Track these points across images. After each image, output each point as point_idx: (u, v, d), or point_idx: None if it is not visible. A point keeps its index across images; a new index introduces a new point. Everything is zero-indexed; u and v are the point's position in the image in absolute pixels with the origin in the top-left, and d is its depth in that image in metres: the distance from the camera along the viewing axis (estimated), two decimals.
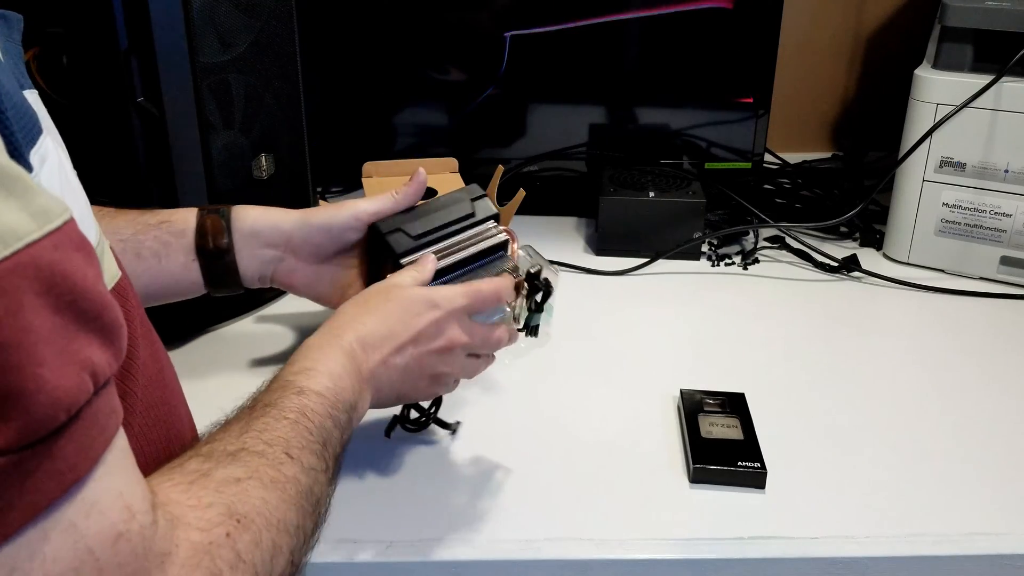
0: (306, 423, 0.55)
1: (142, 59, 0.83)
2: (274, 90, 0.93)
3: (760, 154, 1.25)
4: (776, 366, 0.90)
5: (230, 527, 0.45)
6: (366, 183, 1.05)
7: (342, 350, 0.63)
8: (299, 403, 0.57)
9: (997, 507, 0.71)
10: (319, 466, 0.54)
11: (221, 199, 0.91)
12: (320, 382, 0.59)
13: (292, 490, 0.50)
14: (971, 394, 0.86)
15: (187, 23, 0.84)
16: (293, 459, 0.52)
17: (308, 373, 0.60)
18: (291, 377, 0.59)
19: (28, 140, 0.41)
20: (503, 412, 0.82)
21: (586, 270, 1.10)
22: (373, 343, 0.65)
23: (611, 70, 1.22)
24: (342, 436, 0.59)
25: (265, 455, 0.51)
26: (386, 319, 0.66)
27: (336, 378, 0.61)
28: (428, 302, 0.68)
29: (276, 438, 0.53)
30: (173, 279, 0.76)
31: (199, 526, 0.43)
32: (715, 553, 0.67)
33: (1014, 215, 1.03)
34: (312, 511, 0.52)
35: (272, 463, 0.51)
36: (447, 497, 0.71)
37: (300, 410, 0.56)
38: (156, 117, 0.85)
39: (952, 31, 1.03)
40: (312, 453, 0.54)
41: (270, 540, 0.47)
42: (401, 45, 1.19)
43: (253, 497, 0.47)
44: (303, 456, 0.53)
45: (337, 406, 0.59)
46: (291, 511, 0.49)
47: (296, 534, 0.50)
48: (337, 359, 0.62)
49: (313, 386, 0.59)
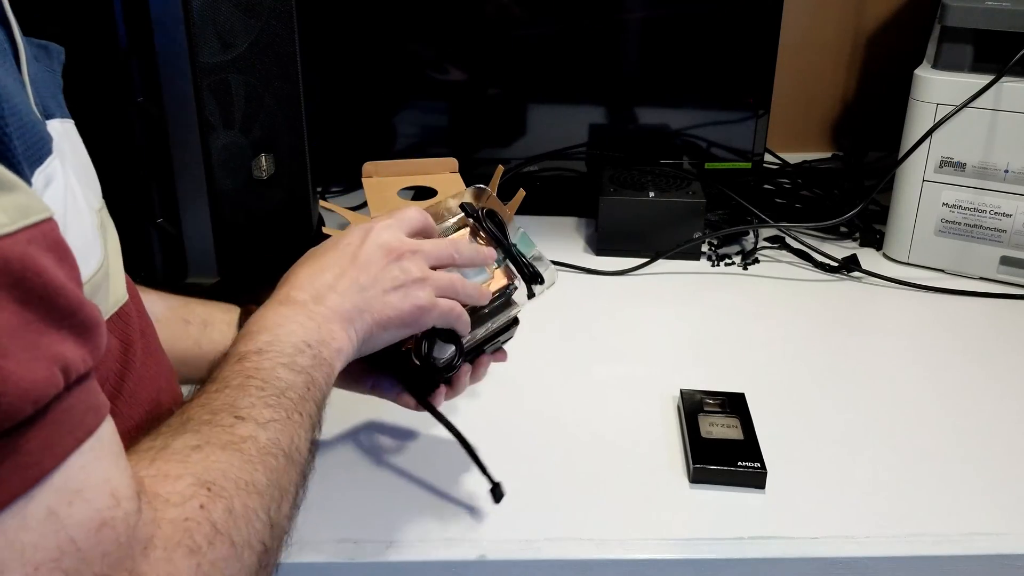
0: (253, 383, 0.54)
1: (142, 59, 0.83)
2: (274, 90, 0.93)
3: (760, 154, 1.25)
4: (776, 366, 0.90)
5: (203, 498, 0.44)
6: (366, 183, 1.05)
7: (276, 302, 0.61)
8: (240, 368, 0.55)
9: (997, 507, 0.71)
10: (278, 416, 0.52)
11: (221, 199, 0.91)
12: (258, 340, 0.57)
13: (251, 448, 0.49)
14: (971, 394, 0.86)
15: (187, 23, 0.84)
16: (244, 419, 0.50)
17: (244, 339, 0.58)
18: (230, 349, 0.58)
19: (32, 157, 0.41)
20: (503, 412, 0.82)
21: (586, 270, 1.10)
22: (308, 283, 0.63)
23: (611, 70, 1.22)
24: (312, 378, 0.57)
25: (213, 422, 0.49)
26: (315, 261, 0.64)
27: (274, 328, 0.58)
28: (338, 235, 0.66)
29: (220, 405, 0.51)
30: (214, 347, 0.74)
31: (173, 500, 0.43)
32: (715, 553, 0.67)
33: (1014, 215, 1.03)
34: (285, 463, 0.51)
35: (222, 427, 0.49)
36: (447, 497, 0.71)
37: (243, 374, 0.54)
38: (156, 117, 0.85)
39: (952, 31, 1.03)
40: (266, 406, 0.52)
41: (241, 505, 0.45)
42: (401, 45, 1.19)
43: (216, 462, 0.46)
44: (254, 412, 0.51)
45: (286, 352, 0.57)
46: (256, 471, 0.48)
47: (268, 492, 0.48)
48: (271, 312, 0.60)
49: (251, 347, 0.57)
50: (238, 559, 0.44)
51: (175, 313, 0.75)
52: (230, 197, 0.92)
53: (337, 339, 0.61)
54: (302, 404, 0.55)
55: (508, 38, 1.20)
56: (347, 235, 0.65)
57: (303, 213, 1.02)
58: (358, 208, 1.22)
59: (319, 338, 0.59)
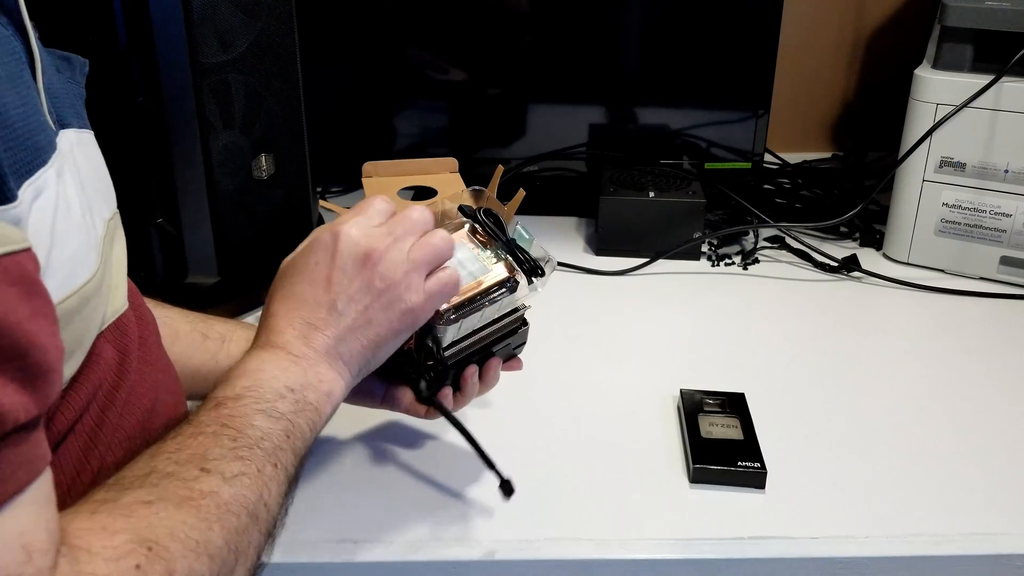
0: (227, 432, 0.52)
1: (142, 59, 0.83)
2: (274, 90, 0.93)
3: (760, 154, 1.25)
4: (776, 366, 0.90)
5: (140, 558, 0.42)
6: (366, 183, 1.05)
7: (257, 347, 0.59)
8: (216, 414, 0.53)
9: (997, 507, 0.71)
10: (248, 469, 0.50)
11: (221, 199, 0.91)
12: (236, 385, 0.56)
13: (211, 506, 0.47)
14: (971, 394, 0.86)
15: (187, 23, 0.84)
16: (209, 472, 0.48)
17: (224, 384, 0.56)
18: (210, 394, 0.56)
19: (21, 169, 0.41)
20: (503, 412, 0.82)
21: (586, 270, 1.10)
22: (287, 324, 0.59)
23: (611, 70, 1.22)
24: (293, 424, 0.55)
25: (175, 475, 0.48)
26: (289, 290, 0.61)
27: (254, 373, 0.57)
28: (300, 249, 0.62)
29: (190, 456, 0.49)
30: (231, 361, 0.71)
31: (105, 556, 0.41)
32: (715, 553, 0.67)
33: (1014, 215, 1.03)
34: (248, 522, 0.49)
35: (183, 481, 0.47)
36: (447, 497, 0.71)
37: (218, 421, 0.52)
38: (156, 117, 0.85)
39: (952, 31, 1.03)
40: (236, 459, 0.50)
41: (186, 568, 0.43)
42: (401, 45, 1.18)
43: (166, 520, 0.44)
44: (222, 466, 0.49)
45: (265, 398, 0.55)
46: (212, 530, 0.46)
47: (220, 555, 0.46)
48: (251, 357, 0.58)
49: (228, 392, 0.55)
50: None
51: (194, 327, 0.74)
52: (230, 197, 0.93)
53: (325, 381, 0.58)
54: (277, 454, 0.53)
55: (508, 38, 1.20)
56: (314, 249, 0.61)
57: (303, 213, 1.02)
58: None
59: (304, 382, 0.57)
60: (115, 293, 0.51)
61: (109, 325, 0.51)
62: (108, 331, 0.50)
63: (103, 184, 0.54)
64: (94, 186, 0.51)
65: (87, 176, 0.50)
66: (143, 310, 0.58)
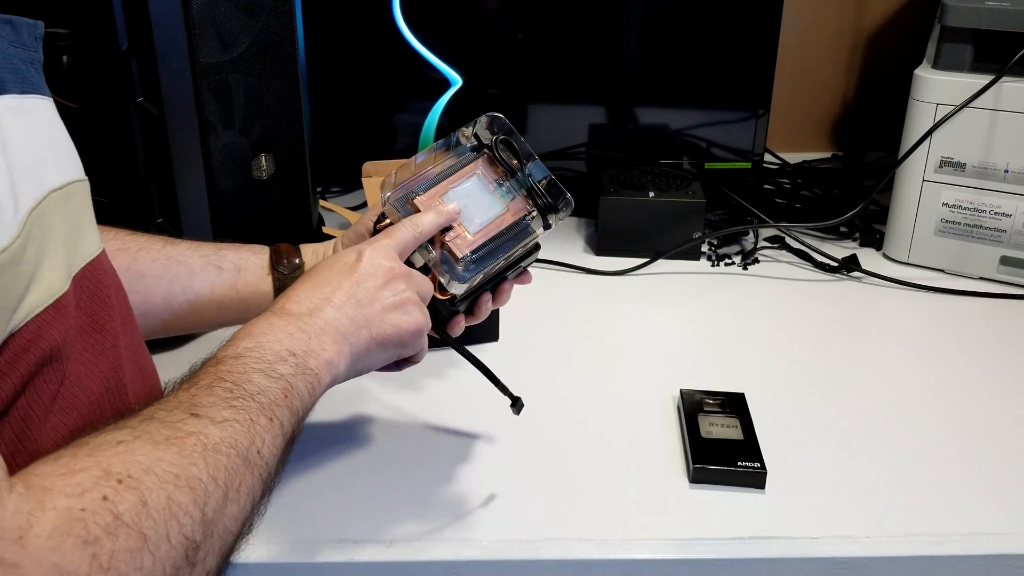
0: (222, 384, 0.53)
1: (142, 59, 0.83)
2: (274, 90, 0.93)
3: (760, 154, 1.25)
4: (776, 366, 0.90)
5: (107, 489, 0.42)
6: (366, 183, 1.05)
7: (269, 313, 0.61)
8: (214, 370, 0.54)
9: (997, 507, 0.71)
10: (238, 417, 0.51)
11: (221, 199, 0.91)
12: (239, 345, 0.57)
13: (194, 444, 0.47)
14: (971, 394, 0.86)
15: (187, 23, 0.84)
16: (198, 417, 0.49)
17: (228, 344, 0.58)
18: (214, 354, 0.57)
19: None
20: (503, 412, 0.82)
21: (586, 270, 1.10)
22: (305, 296, 0.62)
23: (611, 70, 1.22)
24: (291, 386, 0.56)
25: (158, 418, 0.48)
26: (314, 275, 0.64)
27: (258, 335, 0.58)
28: (350, 251, 0.66)
29: (179, 403, 0.50)
30: (248, 290, 0.76)
31: (67, 492, 0.41)
32: (715, 553, 0.66)
33: (1014, 215, 1.03)
34: (239, 463, 0.49)
35: (167, 423, 0.48)
36: (447, 497, 0.71)
37: (215, 375, 0.53)
38: (156, 117, 0.85)
39: (952, 31, 1.03)
40: (228, 407, 0.51)
41: (164, 497, 0.43)
42: (401, 45, 1.18)
43: (140, 456, 0.44)
44: (212, 411, 0.50)
45: (265, 359, 0.56)
46: (195, 465, 0.46)
47: (204, 488, 0.46)
48: (261, 321, 0.60)
49: (230, 352, 0.56)
50: (151, 552, 0.42)
51: (208, 261, 0.76)
52: (230, 197, 0.93)
53: (328, 351, 0.60)
54: (273, 409, 0.53)
55: (508, 38, 1.20)
56: (344, 253, 0.65)
57: (303, 213, 1.02)
58: (358, 208, 1.22)
59: (306, 348, 0.58)
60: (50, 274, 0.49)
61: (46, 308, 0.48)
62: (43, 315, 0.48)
63: (55, 153, 0.52)
64: (35, 155, 0.49)
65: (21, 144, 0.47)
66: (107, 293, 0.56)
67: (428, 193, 0.69)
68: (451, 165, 0.71)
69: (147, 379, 0.61)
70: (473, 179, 0.71)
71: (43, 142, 0.51)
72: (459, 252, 0.68)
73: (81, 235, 0.54)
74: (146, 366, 0.62)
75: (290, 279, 0.75)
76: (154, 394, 0.60)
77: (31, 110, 0.50)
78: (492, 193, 0.71)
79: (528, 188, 0.71)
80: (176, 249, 0.76)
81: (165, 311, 0.75)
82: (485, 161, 0.72)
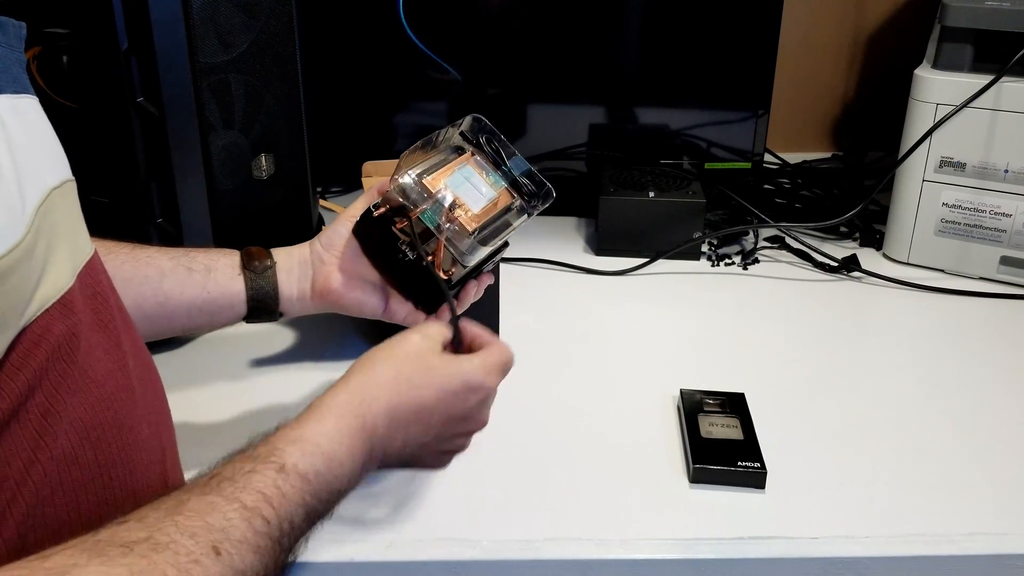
0: (265, 511, 0.49)
1: (142, 59, 0.83)
2: (274, 90, 0.93)
3: (760, 154, 1.25)
4: (776, 366, 0.90)
5: None
6: (366, 183, 1.05)
7: (362, 429, 0.57)
8: (271, 484, 0.50)
9: (997, 507, 0.71)
10: (256, 567, 0.47)
11: (221, 199, 0.91)
12: (311, 464, 0.53)
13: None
14: (971, 394, 0.86)
15: (187, 23, 0.84)
16: (220, 555, 0.44)
17: (304, 445, 0.54)
18: (282, 445, 0.53)
19: None
20: (502, 412, 0.82)
21: (586, 270, 1.10)
22: (403, 420, 0.59)
23: (611, 70, 1.22)
24: (311, 527, 0.53)
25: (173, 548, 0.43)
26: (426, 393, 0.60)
27: (335, 464, 0.54)
28: (471, 384, 0.62)
29: (207, 526, 0.46)
30: (219, 290, 0.75)
31: None
32: (715, 553, 0.67)
33: (1014, 215, 1.03)
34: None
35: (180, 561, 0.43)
36: (447, 497, 0.71)
37: (266, 493, 0.49)
38: (156, 117, 0.85)
39: (952, 31, 1.03)
40: (254, 551, 0.47)
41: None
42: (401, 45, 1.18)
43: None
44: (237, 554, 0.46)
45: (319, 494, 0.53)
46: None
47: None
48: (347, 440, 0.56)
49: (301, 466, 0.52)
50: None
51: (178, 263, 0.75)
52: (230, 197, 0.93)
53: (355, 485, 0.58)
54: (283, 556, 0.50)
55: (508, 38, 1.20)
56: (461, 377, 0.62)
57: (303, 213, 1.02)
58: None
59: (347, 487, 0.57)
60: (57, 269, 0.48)
61: (55, 303, 0.48)
62: (52, 310, 0.48)
63: (48, 152, 0.51)
64: (33, 153, 0.49)
65: (21, 142, 0.47)
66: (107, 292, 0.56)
67: (434, 176, 0.71)
68: (443, 159, 0.74)
69: (150, 377, 0.61)
70: (468, 167, 0.74)
71: (38, 141, 0.51)
72: (468, 227, 0.70)
73: (78, 234, 0.54)
74: (148, 364, 0.62)
75: (262, 279, 0.75)
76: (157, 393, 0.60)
77: (24, 110, 0.50)
78: (485, 181, 0.74)
79: (511, 181, 0.75)
80: (145, 252, 0.75)
81: (136, 314, 0.72)
82: (473, 155, 0.76)
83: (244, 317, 0.76)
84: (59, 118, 0.55)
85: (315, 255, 0.77)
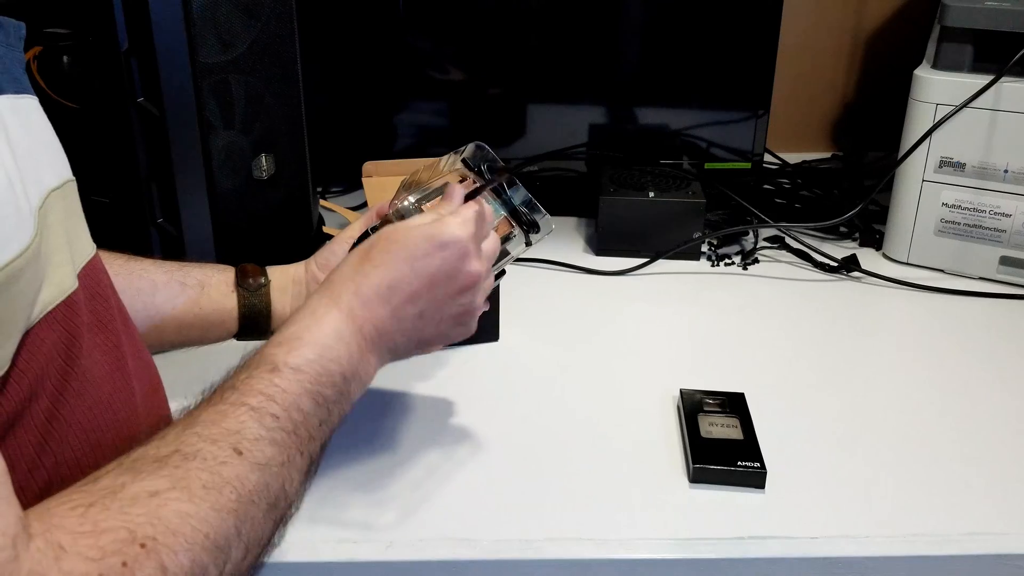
0: (271, 408, 0.51)
1: (142, 59, 0.83)
2: (274, 90, 0.93)
3: (760, 154, 1.25)
4: (776, 366, 0.90)
5: (128, 555, 0.40)
6: (366, 183, 1.05)
7: (338, 311, 0.59)
8: (268, 383, 0.53)
9: (997, 507, 0.71)
10: (278, 458, 0.50)
11: (221, 199, 0.91)
12: (302, 355, 0.55)
13: (230, 495, 0.46)
14: (971, 394, 0.86)
15: (187, 23, 0.84)
16: (242, 455, 0.48)
17: (291, 344, 0.56)
18: (271, 349, 0.56)
19: None
20: (503, 412, 0.82)
21: (586, 270, 1.10)
22: (378, 296, 0.60)
23: (611, 70, 1.22)
24: (329, 413, 0.55)
25: (201, 455, 0.47)
26: (392, 266, 0.61)
27: (324, 348, 0.56)
28: (436, 241, 0.61)
29: (224, 431, 0.49)
30: (212, 307, 0.75)
31: (88, 555, 0.39)
32: (715, 553, 0.67)
33: (1014, 215, 1.04)
34: (265, 512, 0.48)
35: (208, 464, 0.46)
36: (447, 497, 0.71)
37: (267, 393, 0.52)
38: (156, 117, 0.85)
39: (952, 31, 1.03)
40: (271, 443, 0.50)
41: (188, 561, 0.42)
42: (401, 45, 1.18)
43: (170, 513, 0.43)
44: (256, 449, 0.49)
45: (320, 380, 0.55)
46: (226, 521, 0.45)
47: (229, 546, 0.45)
48: (330, 323, 0.58)
49: (292, 360, 0.55)
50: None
51: (172, 277, 0.75)
52: (230, 197, 0.93)
53: (369, 373, 0.60)
54: (309, 444, 0.53)
55: (508, 38, 1.20)
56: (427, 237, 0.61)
57: (303, 213, 1.02)
58: (358, 208, 1.22)
59: (354, 371, 0.58)
60: (59, 271, 0.49)
61: (58, 306, 0.48)
62: (55, 312, 0.48)
63: (50, 152, 0.52)
64: (33, 154, 0.49)
65: (22, 143, 0.47)
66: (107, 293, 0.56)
67: (434, 202, 0.70)
68: (444, 185, 0.73)
69: (150, 377, 0.61)
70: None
71: (38, 142, 0.51)
72: None
73: (78, 234, 0.54)
74: (148, 364, 0.62)
75: (255, 297, 0.75)
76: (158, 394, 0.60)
77: (25, 110, 0.50)
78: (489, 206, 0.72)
79: (511, 209, 0.74)
80: (139, 264, 0.74)
81: None
82: (474, 183, 0.73)
83: (235, 335, 0.76)
84: (59, 118, 0.55)
85: (310, 275, 0.77)
